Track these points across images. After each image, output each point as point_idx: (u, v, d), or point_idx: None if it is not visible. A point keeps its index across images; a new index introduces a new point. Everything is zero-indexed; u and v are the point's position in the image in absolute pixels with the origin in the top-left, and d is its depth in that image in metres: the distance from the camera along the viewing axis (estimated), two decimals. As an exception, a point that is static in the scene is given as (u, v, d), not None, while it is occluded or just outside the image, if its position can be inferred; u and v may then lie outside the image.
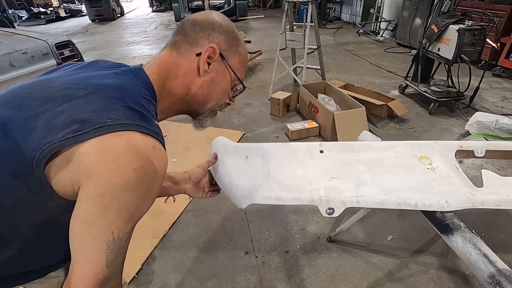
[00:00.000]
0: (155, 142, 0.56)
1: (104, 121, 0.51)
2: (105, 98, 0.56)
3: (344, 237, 1.88)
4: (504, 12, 4.41)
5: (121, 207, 0.52)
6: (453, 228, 0.89)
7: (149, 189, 0.54)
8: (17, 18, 12.29)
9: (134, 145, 0.52)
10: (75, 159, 0.50)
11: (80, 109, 0.53)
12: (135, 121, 0.54)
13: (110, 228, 0.52)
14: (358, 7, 8.60)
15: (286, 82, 4.47)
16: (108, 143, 0.51)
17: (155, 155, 0.54)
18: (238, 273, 1.69)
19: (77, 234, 0.53)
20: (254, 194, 0.89)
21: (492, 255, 0.81)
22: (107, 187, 0.50)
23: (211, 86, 0.71)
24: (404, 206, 0.88)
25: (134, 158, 0.51)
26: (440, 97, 3.35)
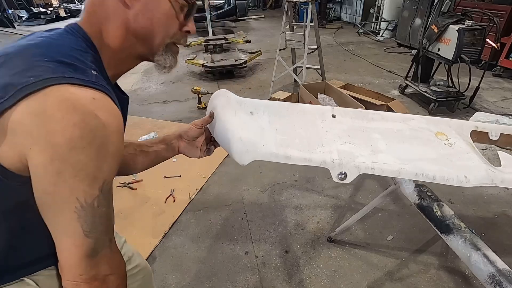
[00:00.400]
0: (94, 93, 0.49)
1: (26, 80, 0.46)
2: (26, 58, 0.50)
3: (344, 237, 1.88)
4: (504, 12, 4.41)
5: (76, 169, 0.47)
6: (453, 228, 0.89)
7: (103, 144, 0.49)
8: (17, 18, 12.28)
9: (66, 98, 0.46)
10: (10, 129, 0.46)
11: (3, 76, 0.48)
12: (63, 73, 0.48)
13: (73, 194, 0.48)
14: (358, 7, 8.60)
15: (286, 82, 4.47)
16: (38, 104, 0.45)
17: (97, 106, 0.48)
18: (238, 273, 1.69)
19: (43, 209, 0.50)
20: (259, 149, 0.79)
21: (492, 255, 0.81)
22: (53, 151, 0.45)
23: (148, 14, 0.59)
24: (421, 178, 0.82)
25: (70, 113, 0.46)
26: (440, 97, 3.35)
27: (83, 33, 0.58)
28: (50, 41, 0.55)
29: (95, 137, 0.47)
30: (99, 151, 0.48)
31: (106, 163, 0.50)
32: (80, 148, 0.46)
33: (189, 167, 2.49)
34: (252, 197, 2.24)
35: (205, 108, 3.70)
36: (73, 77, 0.48)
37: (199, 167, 2.51)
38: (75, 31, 0.58)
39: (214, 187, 2.35)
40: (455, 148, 0.93)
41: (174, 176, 2.40)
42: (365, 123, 0.99)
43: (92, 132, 0.47)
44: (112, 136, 0.50)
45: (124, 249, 0.95)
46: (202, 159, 0.96)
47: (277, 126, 0.88)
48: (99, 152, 0.49)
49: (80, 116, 0.46)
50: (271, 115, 0.92)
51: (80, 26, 0.59)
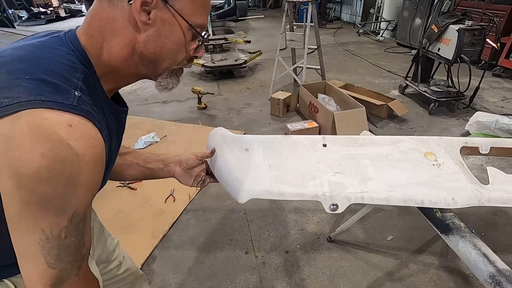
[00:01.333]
0: (72, 118, 0.46)
1: (1, 101, 0.44)
2: (8, 73, 0.47)
3: (344, 237, 1.88)
4: (504, 12, 4.41)
5: (42, 201, 0.45)
6: (453, 228, 0.89)
7: (72, 177, 0.46)
8: (17, 18, 12.27)
9: (38, 125, 0.43)
10: None
11: None
12: (40, 96, 0.45)
13: (37, 225, 0.46)
14: (358, 7, 8.60)
15: (286, 82, 4.47)
16: (8, 128, 0.43)
17: (72, 135, 0.45)
18: (238, 273, 1.69)
19: (11, 233, 0.48)
20: (255, 188, 0.84)
21: (492, 255, 0.80)
22: (19, 180, 0.43)
23: (159, 41, 0.56)
24: (410, 203, 0.86)
25: (39, 141, 0.43)
26: (440, 97, 3.35)
27: (78, 46, 0.55)
28: (38, 53, 0.52)
29: (65, 168, 0.45)
30: (68, 183, 0.46)
31: (76, 195, 0.47)
32: (47, 179, 0.44)
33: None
34: (252, 197, 2.24)
35: (205, 108, 3.70)
36: (51, 100, 0.45)
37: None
38: (70, 42, 0.55)
39: (214, 187, 2.35)
40: (443, 168, 0.97)
41: (174, 176, 2.39)
42: (355, 149, 1.03)
43: (61, 163, 0.44)
44: (85, 166, 0.47)
45: (116, 252, 0.95)
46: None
47: (271, 161, 0.92)
48: (68, 184, 0.46)
49: (50, 145, 0.43)
50: (265, 150, 0.96)
51: (78, 37, 0.56)
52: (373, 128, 3.11)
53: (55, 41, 0.55)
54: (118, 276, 0.95)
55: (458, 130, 3.07)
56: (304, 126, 3.04)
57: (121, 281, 0.97)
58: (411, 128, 3.17)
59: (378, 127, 3.17)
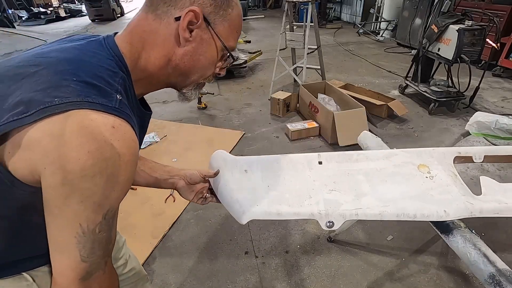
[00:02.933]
0: (115, 120, 0.49)
1: (50, 100, 0.46)
2: (55, 74, 0.50)
3: (344, 237, 1.88)
4: (504, 12, 4.41)
5: (83, 196, 0.48)
6: (453, 228, 0.89)
7: (113, 175, 0.49)
8: (17, 18, 12.28)
9: (86, 126, 0.46)
10: (26, 145, 0.47)
11: (27, 89, 0.48)
12: (87, 98, 0.48)
13: (76, 220, 0.49)
14: (358, 7, 8.61)
15: (286, 82, 4.47)
16: (58, 126, 0.46)
17: (115, 136, 0.48)
18: (238, 273, 1.69)
19: (48, 226, 0.51)
20: (254, 209, 0.89)
21: (492, 255, 0.81)
22: (65, 176, 0.46)
23: (195, 57, 0.62)
24: (403, 217, 0.89)
25: (87, 141, 0.46)
26: (440, 97, 3.36)
27: (117, 52, 0.58)
28: (82, 57, 0.55)
29: (107, 167, 0.48)
30: (108, 180, 0.49)
31: (114, 192, 0.51)
32: (91, 176, 0.47)
33: (189, 167, 2.48)
34: (252, 197, 2.24)
35: (205, 108, 3.70)
36: (96, 102, 0.48)
37: (199, 167, 2.51)
38: (110, 48, 0.58)
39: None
40: (436, 180, 0.99)
41: (174, 176, 2.39)
42: (349, 165, 1.06)
43: (105, 161, 0.47)
44: (124, 166, 0.50)
45: (123, 251, 0.97)
46: (202, 160, 1.00)
47: (269, 182, 0.97)
48: (108, 181, 0.49)
49: (96, 145, 0.46)
50: (263, 170, 1.01)
51: (117, 43, 0.59)
52: (373, 128, 3.11)
53: (96, 46, 0.58)
54: (123, 275, 0.96)
55: (458, 130, 3.07)
56: (304, 126, 3.04)
57: (125, 281, 0.97)
58: (411, 128, 3.17)
59: (378, 127, 3.17)
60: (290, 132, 3.00)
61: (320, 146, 2.91)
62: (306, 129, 3.03)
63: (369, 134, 1.36)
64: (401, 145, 2.86)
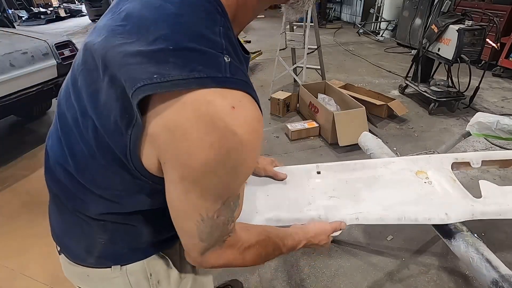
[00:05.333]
0: (233, 97, 0.42)
1: (148, 76, 0.40)
2: (150, 43, 0.42)
3: (344, 237, 1.88)
4: (504, 12, 4.41)
5: (203, 190, 0.45)
6: (455, 233, 0.88)
7: (235, 166, 0.44)
8: (17, 18, 12.27)
9: (204, 113, 0.40)
10: (150, 138, 0.44)
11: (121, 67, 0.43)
12: (193, 73, 0.40)
13: (196, 211, 0.48)
14: (358, 7, 8.60)
15: (286, 82, 4.46)
16: (173, 114, 0.40)
17: (237, 120, 0.41)
18: (238, 273, 1.69)
19: (170, 210, 0.51)
20: (254, 217, 0.90)
21: (495, 260, 0.80)
22: (184, 171, 0.43)
23: None
24: (404, 221, 0.89)
25: (207, 132, 0.40)
26: (440, 97, 3.35)
27: None
28: (174, 11, 0.44)
29: (229, 158, 0.43)
30: (230, 172, 0.45)
31: (235, 182, 0.48)
32: (213, 172, 0.43)
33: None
34: (252, 197, 2.23)
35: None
36: (206, 76, 0.40)
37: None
38: None
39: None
40: (434, 185, 1.00)
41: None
42: (348, 174, 1.06)
43: (227, 153, 0.42)
44: (248, 154, 0.45)
45: None
46: None
47: (269, 191, 0.99)
48: (229, 173, 0.45)
49: (218, 135, 0.40)
50: (261, 180, 1.02)
51: None
52: (373, 128, 3.11)
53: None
54: None
55: (458, 130, 3.06)
56: (304, 126, 3.04)
57: None
58: (411, 128, 3.17)
59: (378, 127, 3.17)
60: (290, 132, 3.00)
61: (320, 146, 2.91)
62: (306, 129, 3.03)
63: (369, 135, 1.37)
64: (401, 145, 2.86)
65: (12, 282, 1.67)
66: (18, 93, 2.47)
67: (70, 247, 0.65)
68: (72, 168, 0.54)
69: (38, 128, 3.45)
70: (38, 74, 2.62)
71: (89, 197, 0.56)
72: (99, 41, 0.48)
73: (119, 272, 0.63)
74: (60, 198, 0.61)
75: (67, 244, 0.65)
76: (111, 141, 0.47)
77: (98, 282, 0.66)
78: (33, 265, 1.75)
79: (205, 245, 0.53)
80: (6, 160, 2.77)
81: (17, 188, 2.44)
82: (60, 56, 2.80)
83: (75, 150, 0.53)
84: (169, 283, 0.69)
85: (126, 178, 0.51)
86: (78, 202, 0.57)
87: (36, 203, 2.23)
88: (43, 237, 1.94)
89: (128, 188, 0.53)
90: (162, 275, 0.68)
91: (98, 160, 0.50)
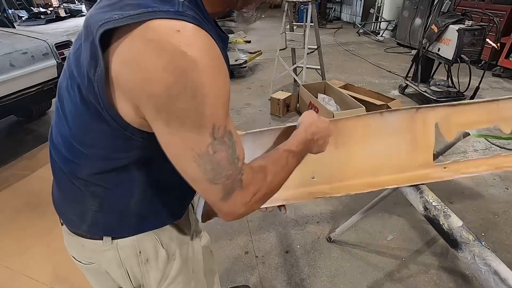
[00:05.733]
0: (178, 23, 0.43)
1: (108, 17, 0.44)
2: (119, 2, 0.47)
3: (344, 237, 1.88)
4: (504, 12, 4.41)
5: (180, 119, 0.45)
6: (461, 243, 0.85)
7: (196, 86, 0.44)
8: (17, 18, 12.27)
9: (150, 39, 0.42)
10: (115, 84, 0.47)
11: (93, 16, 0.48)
12: (147, 8, 0.43)
13: (186, 144, 0.47)
14: (358, 7, 8.60)
15: (286, 82, 4.46)
16: (126, 50, 0.43)
17: (183, 41, 0.42)
18: (238, 273, 1.69)
19: (171, 160, 0.51)
20: None
21: (504, 272, 0.77)
22: (155, 101, 0.44)
23: None
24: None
25: (157, 55, 0.42)
26: (440, 97, 3.35)
27: None
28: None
29: (187, 79, 0.43)
30: (194, 94, 0.44)
31: (206, 106, 0.45)
32: (177, 95, 0.43)
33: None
34: (252, 197, 2.23)
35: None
36: (157, 10, 0.43)
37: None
38: None
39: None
40: None
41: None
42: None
43: (184, 73, 0.43)
44: (206, 72, 0.44)
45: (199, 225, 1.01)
46: None
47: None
48: (195, 95, 0.44)
49: (168, 57, 0.42)
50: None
51: None
52: (373, 128, 3.10)
53: None
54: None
55: (458, 130, 3.06)
56: (304, 126, 3.04)
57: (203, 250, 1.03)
58: (411, 128, 3.17)
59: (378, 127, 3.17)
60: (290, 132, 2.99)
61: (320, 146, 2.91)
62: (306, 129, 3.03)
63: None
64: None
65: (12, 282, 1.67)
66: (18, 93, 2.47)
67: (67, 214, 0.69)
68: (67, 132, 0.58)
69: (38, 128, 3.45)
70: (38, 74, 2.62)
71: (82, 160, 0.59)
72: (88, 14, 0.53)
73: (110, 245, 0.67)
74: (60, 167, 0.64)
75: (64, 211, 0.69)
76: (88, 93, 0.50)
77: (92, 253, 0.69)
78: (33, 265, 1.75)
79: (220, 187, 0.51)
80: (6, 160, 2.77)
81: (17, 188, 2.44)
82: (60, 56, 2.80)
83: (67, 113, 0.57)
84: (157, 263, 0.71)
85: (107, 132, 0.53)
86: (73, 166, 0.61)
87: (36, 203, 2.23)
88: (43, 237, 1.95)
89: (112, 145, 0.55)
90: (151, 254, 0.70)
91: (84, 117, 0.53)
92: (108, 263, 0.69)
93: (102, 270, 0.71)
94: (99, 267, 0.71)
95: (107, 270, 0.71)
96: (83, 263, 0.72)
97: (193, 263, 0.82)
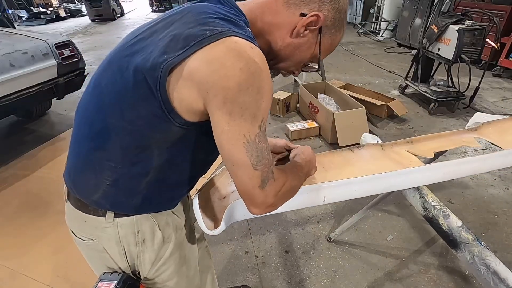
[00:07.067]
0: (250, 43, 0.58)
1: (203, 33, 0.56)
2: (199, 14, 0.61)
3: (344, 237, 1.88)
4: (504, 12, 4.41)
5: (243, 109, 0.56)
6: (460, 243, 0.85)
7: (260, 86, 0.57)
8: (17, 18, 12.28)
9: (233, 48, 0.56)
10: (187, 76, 0.56)
11: (180, 28, 0.59)
12: (229, 28, 0.58)
13: (241, 131, 0.57)
14: (358, 7, 8.59)
15: (286, 82, 4.47)
16: (212, 53, 0.55)
17: (254, 53, 0.57)
18: (238, 273, 1.69)
19: (222, 146, 0.60)
20: None
21: (503, 271, 0.77)
22: (225, 94, 0.55)
23: (295, 51, 0.70)
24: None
25: (237, 59, 0.55)
26: (440, 97, 3.36)
27: (238, 8, 0.68)
28: (212, 7, 0.64)
29: (255, 79, 0.56)
30: (258, 92, 0.57)
31: (263, 102, 0.58)
32: (245, 90, 0.55)
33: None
34: (252, 197, 2.23)
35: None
36: (235, 31, 0.58)
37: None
38: (229, 3, 0.68)
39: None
40: None
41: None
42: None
43: (253, 75, 0.56)
44: (266, 78, 0.58)
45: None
46: None
47: None
48: (258, 93, 0.57)
49: (245, 62, 0.55)
50: None
51: (237, 4, 0.69)
52: (373, 128, 3.11)
53: (216, 1, 0.68)
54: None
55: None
56: (304, 126, 3.04)
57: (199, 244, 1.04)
58: (411, 128, 3.17)
59: (378, 127, 3.17)
60: (290, 132, 3.00)
61: (320, 146, 2.91)
62: (306, 129, 3.03)
63: (369, 137, 1.36)
64: (401, 145, 2.86)
65: (12, 282, 1.67)
66: (18, 93, 2.46)
67: (79, 184, 0.72)
68: (106, 102, 0.64)
69: (38, 128, 3.45)
70: (38, 74, 2.62)
71: (112, 129, 0.64)
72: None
73: (112, 223, 0.72)
74: (86, 137, 0.69)
75: (77, 180, 0.72)
76: (147, 75, 0.58)
77: (93, 229, 0.74)
78: (33, 265, 1.75)
79: (259, 174, 0.60)
80: (6, 160, 2.77)
81: (17, 188, 2.44)
82: (60, 56, 2.80)
83: (110, 87, 0.64)
84: (153, 244, 0.76)
85: (151, 111, 0.60)
86: (102, 139, 0.65)
87: (36, 203, 2.23)
88: (43, 237, 1.95)
89: (150, 122, 0.61)
90: (147, 235, 0.75)
91: (132, 94, 0.60)
92: (107, 240, 0.73)
93: (99, 248, 0.75)
94: (98, 244, 0.74)
95: (105, 247, 0.75)
96: (82, 239, 0.76)
97: (186, 249, 0.86)
